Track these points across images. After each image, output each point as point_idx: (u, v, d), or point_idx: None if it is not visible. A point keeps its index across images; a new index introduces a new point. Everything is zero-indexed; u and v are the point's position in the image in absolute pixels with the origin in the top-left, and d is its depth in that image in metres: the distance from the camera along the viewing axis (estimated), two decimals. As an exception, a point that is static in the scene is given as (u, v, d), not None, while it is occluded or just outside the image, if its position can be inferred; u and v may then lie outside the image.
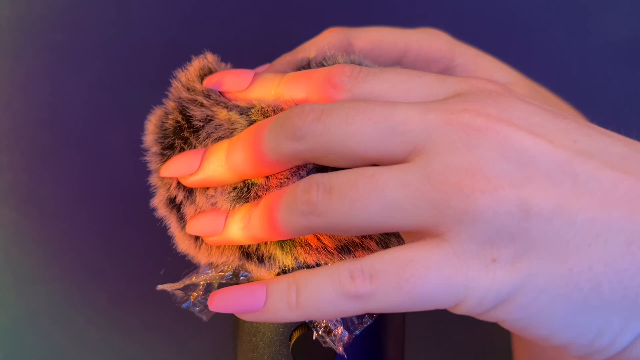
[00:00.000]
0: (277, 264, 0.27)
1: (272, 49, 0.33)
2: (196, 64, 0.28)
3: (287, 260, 0.27)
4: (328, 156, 0.23)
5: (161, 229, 0.29)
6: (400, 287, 0.21)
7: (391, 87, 0.23)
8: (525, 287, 0.20)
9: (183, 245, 0.28)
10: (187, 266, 0.30)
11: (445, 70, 0.32)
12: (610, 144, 0.21)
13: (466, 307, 0.21)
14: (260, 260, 0.27)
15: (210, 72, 0.28)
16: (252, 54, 0.30)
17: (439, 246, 0.21)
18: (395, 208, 0.21)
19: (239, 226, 0.25)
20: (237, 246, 0.27)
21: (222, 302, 0.25)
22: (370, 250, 0.27)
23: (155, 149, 0.28)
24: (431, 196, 0.20)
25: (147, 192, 0.29)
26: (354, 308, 0.22)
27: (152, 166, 0.28)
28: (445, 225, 0.20)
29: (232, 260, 0.27)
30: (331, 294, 0.22)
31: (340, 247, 0.26)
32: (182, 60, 0.28)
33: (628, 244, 0.20)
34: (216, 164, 0.25)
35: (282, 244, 0.26)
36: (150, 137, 0.28)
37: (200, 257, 0.28)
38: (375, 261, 0.21)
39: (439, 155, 0.21)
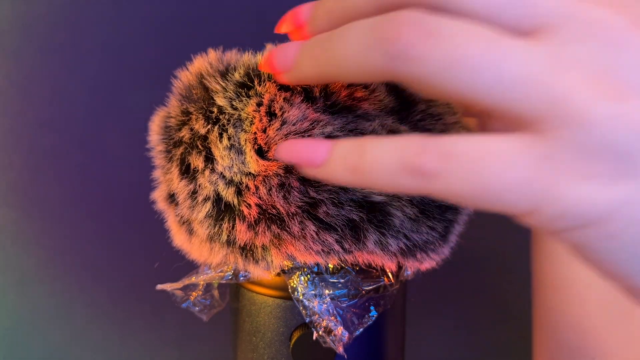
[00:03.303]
0: (274, 263, 0.27)
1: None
2: (197, 64, 0.28)
3: (279, 260, 0.27)
4: (439, 9, 0.19)
5: (161, 229, 0.29)
6: (470, 177, 0.18)
7: None
8: (621, 213, 0.18)
9: (178, 240, 0.28)
10: (185, 267, 0.30)
11: None
12: None
13: (540, 219, 0.18)
14: (256, 260, 0.27)
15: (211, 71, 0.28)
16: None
17: (532, 145, 0.18)
18: (506, 86, 0.18)
19: (307, 58, 0.22)
20: (228, 243, 0.27)
21: (286, 149, 0.23)
22: (368, 251, 0.27)
23: (160, 147, 0.28)
24: (551, 86, 0.17)
25: (147, 193, 0.29)
26: (413, 185, 0.19)
27: (157, 162, 0.29)
28: (552, 122, 0.18)
29: (229, 260, 0.28)
30: (395, 163, 0.19)
31: (328, 248, 0.26)
32: (182, 60, 0.28)
33: None
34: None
35: (277, 243, 0.27)
36: (154, 137, 0.28)
37: (193, 252, 0.28)
38: (453, 142, 0.18)
39: (572, 43, 0.18)
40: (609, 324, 0.38)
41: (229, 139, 0.26)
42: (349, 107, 0.26)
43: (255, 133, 0.26)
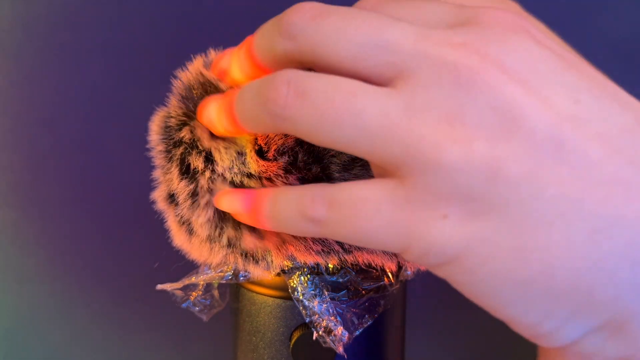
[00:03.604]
0: (274, 263, 0.27)
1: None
2: (197, 64, 0.28)
3: (279, 260, 0.27)
4: (315, 62, 0.21)
5: (161, 229, 0.29)
6: (349, 222, 0.20)
7: (399, 9, 0.22)
8: (472, 250, 0.19)
9: (178, 240, 0.28)
10: (185, 266, 0.30)
11: None
12: (618, 112, 0.19)
13: (411, 257, 0.20)
14: (256, 260, 0.27)
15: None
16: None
17: (395, 189, 0.19)
18: (366, 136, 0.19)
19: (214, 116, 0.25)
20: (229, 246, 0.27)
21: (224, 200, 0.25)
22: (368, 251, 0.27)
23: (160, 147, 0.28)
24: (405, 135, 0.19)
25: (147, 193, 0.29)
26: (312, 230, 0.21)
27: (157, 162, 0.29)
28: (407, 168, 0.19)
29: (229, 260, 0.27)
30: (294, 212, 0.21)
31: (330, 249, 0.26)
32: (182, 60, 0.28)
33: (593, 232, 0.18)
34: (234, 66, 0.25)
35: (278, 245, 0.27)
36: (154, 137, 0.28)
37: (193, 252, 0.28)
38: (337, 191, 0.21)
39: (425, 88, 0.19)
40: None
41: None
42: None
43: (255, 134, 0.26)
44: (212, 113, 0.25)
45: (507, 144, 0.18)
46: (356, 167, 0.25)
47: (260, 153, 0.26)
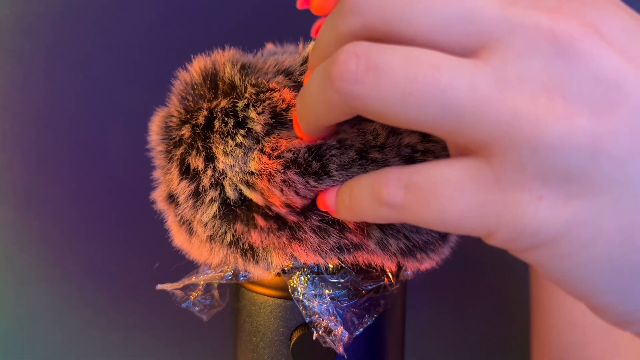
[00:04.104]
0: (274, 263, 0.27)
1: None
2: (197, 64, 0.28)
3: (280, 260, 0.27)
4: (386, 37, 0.19)
5: (161, 229, 0.29)
6: (430, 206, 0.18)
7: None
8: (571, 234, 0.17)
9: (178, 239, 0.28)
10: (185, 266, 0.30)
11: None
12: None
13: (498, 241, 0.19)
14: (256, 260, 0.27)
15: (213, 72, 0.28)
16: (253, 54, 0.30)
17: (480, 169, 0.18)
18: (454, 114, 0.17)
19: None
20: (232, 244, 0.27)
21: (318, 200, 0.25)
22: (368, 251, 0.27)
23: (160, 148, 0.28)
24: (497, 111, 0.17)
25: (147, 193, 0.29)
26: (389, 215, 0.20)
27: (157, 162, 0.29)
28: (498, 147, 0.17)
29: (229, 260, 0.27)
30: (370, 198, 0.20)
31: (336, 247, 0.26)
32: (182, 60, 0.28)
33: None
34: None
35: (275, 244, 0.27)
36: (154, 137, 0.28)
37: (193, 252, 0.28)
38: (414, 173, 0.19)
39: (517, 58, 0.17)
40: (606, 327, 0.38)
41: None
42: None
43: None
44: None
45: (611, 118, 0.17)
46: (354, 167, 0.25)
47: (263, 151, 0.26)
